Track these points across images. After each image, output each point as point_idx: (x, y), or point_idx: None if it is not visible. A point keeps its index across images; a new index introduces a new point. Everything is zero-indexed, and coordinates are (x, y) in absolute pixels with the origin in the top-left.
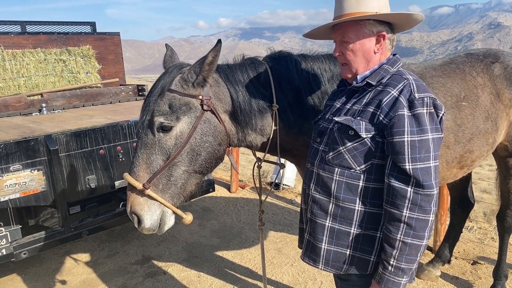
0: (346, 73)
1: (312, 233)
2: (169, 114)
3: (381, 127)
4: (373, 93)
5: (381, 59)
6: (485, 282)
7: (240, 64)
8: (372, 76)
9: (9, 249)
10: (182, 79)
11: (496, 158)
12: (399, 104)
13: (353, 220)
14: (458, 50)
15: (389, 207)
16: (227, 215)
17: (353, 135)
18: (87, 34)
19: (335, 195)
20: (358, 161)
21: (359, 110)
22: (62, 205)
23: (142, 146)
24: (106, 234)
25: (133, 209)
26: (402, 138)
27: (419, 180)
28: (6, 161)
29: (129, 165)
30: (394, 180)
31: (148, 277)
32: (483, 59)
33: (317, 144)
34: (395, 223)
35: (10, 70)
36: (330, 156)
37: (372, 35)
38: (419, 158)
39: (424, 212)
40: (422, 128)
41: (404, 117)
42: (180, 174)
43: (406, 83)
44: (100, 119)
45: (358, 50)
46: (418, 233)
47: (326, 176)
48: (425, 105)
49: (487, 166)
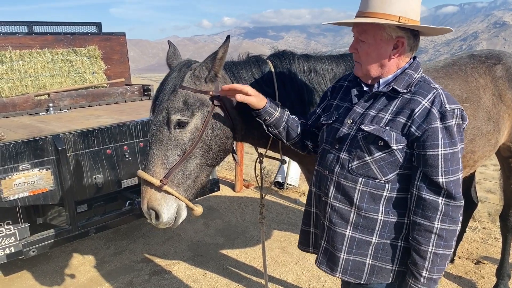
0: (357, 72)
1: (330, 241)
2: (185, 110)
3: (412, 139)
4: (400, 101)
5: (399, 64)
6: (488, 282)
7: (244, 62)
8: (397, 82)
9: (18, 246)
10: (194, 76)
11: (499, 158)
12: (432, 116)
13: (375, 230)
14: (463, 49)
15: (419, 219)
16: (232, 214)
17: (383, 146)
18: (93, 35)
19: (357, 205)
20: (384, 172)
21: (388, 119)
22: (69, 203)
23: (157, 143)
24: (112, 233)
25: (151, 205)
26: (436, 151)
27: (451, 192)
28: (16, 160)
29: (135, 164)
30: (426, 193)
31: (153, 275)
32: (486, 60)
33: (336, 151)
34: (426, 235)
35: (18, 70)
36: (354, 166)
37: (391, 39)
38: (451, 171)
39: (454, 223)
40: (454, 141)
41: (437, 129)
42: (193, 167)
43: (436, 93)
44: (106, 119)
45: (373, 52)
46: (448, 243)
47: (348, 185)
48: (455, 117)
49: (492, 166)
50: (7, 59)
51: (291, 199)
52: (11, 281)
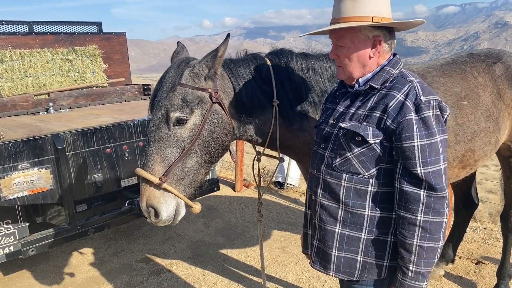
0: (340, 75)
1: (322, 239)
2: (184, 108)
3: (389, 132)
4: (377, 96)
5: (379, 62)
6: (488, 282)
7: (243, 60)
8: (375, 79)
9: (17, 246)
10: (193, 73)
11: (500, 158)
12: (406, 109)
13: (363, 226)
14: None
15: (402, 212)
16: (232, 214)
17: (361, 141)
18: (93, 34)
19: (344, 201)
20: (366, 167)
21: (365, 114)
22: (69, 203)
23: (156, 140)
24: (112, 232)
25: (150, 202)
26: (412, 143)
27: (431, 183)
28: (15, 159)
29: (135, 164)
30: (407, 185)
31: (153, 275)
32: (485, 59)
33: (322, 150)
34: (410, 228)
35: (18, 69)
36: (337, 163)
37: (368, 40)
38: (429, 161)
39: (439, 215)
40: (431, 132)
41: (412, 121)
42: (192, 164)
43: (411, 86)
44: (106, 119)
45: (353, 55)
46: (434, 236)
47: (333, 182)
48: (431, 108)
49: (493, 166)
50: (7, 58)
51: (291, 199)
52: (10, 281)
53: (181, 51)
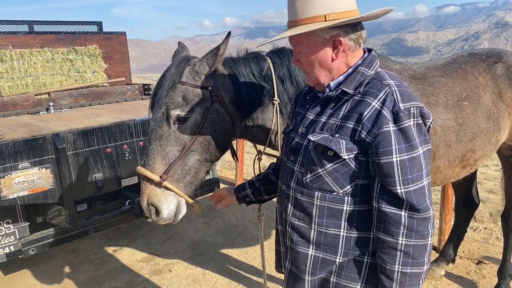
0: (309, 82)
1: (293, 262)
2: (184, 106)
3: (364, 146)
4: (350, 103)
5: (349, 62)
6: (489, 282)
7: (243, 58)
8: (348, 82)
9: (17, 245)
10: (194, 71)
11: (501, 157)
12: (383, 119)
13: (339, 247)
14: (464, 49)
15: (382, 235)
16: (232, 214)
17: (333, 156)
18: (94, 34)
19: (317, 221)
20: (340, 184)
21: (337, 125)
22: (69, 202)
23: (156, 138)
24: (112, 232)
25: (151, 201)
26: (390, 158)
27: (413, 203)
28: (15, 159)
29: (135, 163)
30: (386, 205)
31: (153, 275)
32: (486, 59)
33: (291, 163)
34: (390, 252)
35: (18, 69)
36: (308, 179)
37: (326, 41)
38: (411, 179)
39: (422, 237)
40: (412, 144)
41: (390, 133)
42: (193, 163)
43: (388, 91)
44: (106, 118)
45: (313, 60)
46: (418, 261)
47: (305, 200)
48: (412, 116)
49: (493, 166)
50: (8, 58)
51: None
52: (11, 280)
53: (182, 51)
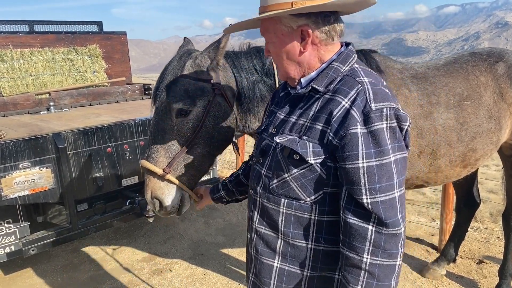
0: (280, 76)
1: (258, 274)
2: (186, 99)
3: (332, 149)
4: (320, 102)
5: (322, 57)
6: (490, 281)
7: (246, 52)
8: (319, 79)
9: (18, 245)
10: (195, 64)
11: (502, 157)
12: (351, 119)
13: (306, 260)
14: (464, 49)
15: (346, 250)
16: (233, 214)
17: (299, 160)
18: (94, 34)
19: (283, 230)
20: (307, 191)
21: (306, 126)
22: (70, 202)
23: (159, 132)
24: (113, 232)
25: (155, 194)
26: (356, 164)
27: (381, 216)
28: (16, 158)
29: (136, 163)
30: (351, 216)
31: (154, 274)
32: (487, 58)
33: (259, 166)
34: (353, 271)
35: (19, 69)
36: (274, 184)
37: (293, 31)
38: (379, 188)
39: (390, 257)
40: (382, 149)
41: (357, 136)
42: (196, 156)
43: (360, 89)
44: (107, 118)
45: (281, 51)
46: (383, 283)
47: (271, 207)
48: (384, 118)
49: (494, 166)
50: (8, 58)
51: None
52: (11, 280)
53: (187, 46)
